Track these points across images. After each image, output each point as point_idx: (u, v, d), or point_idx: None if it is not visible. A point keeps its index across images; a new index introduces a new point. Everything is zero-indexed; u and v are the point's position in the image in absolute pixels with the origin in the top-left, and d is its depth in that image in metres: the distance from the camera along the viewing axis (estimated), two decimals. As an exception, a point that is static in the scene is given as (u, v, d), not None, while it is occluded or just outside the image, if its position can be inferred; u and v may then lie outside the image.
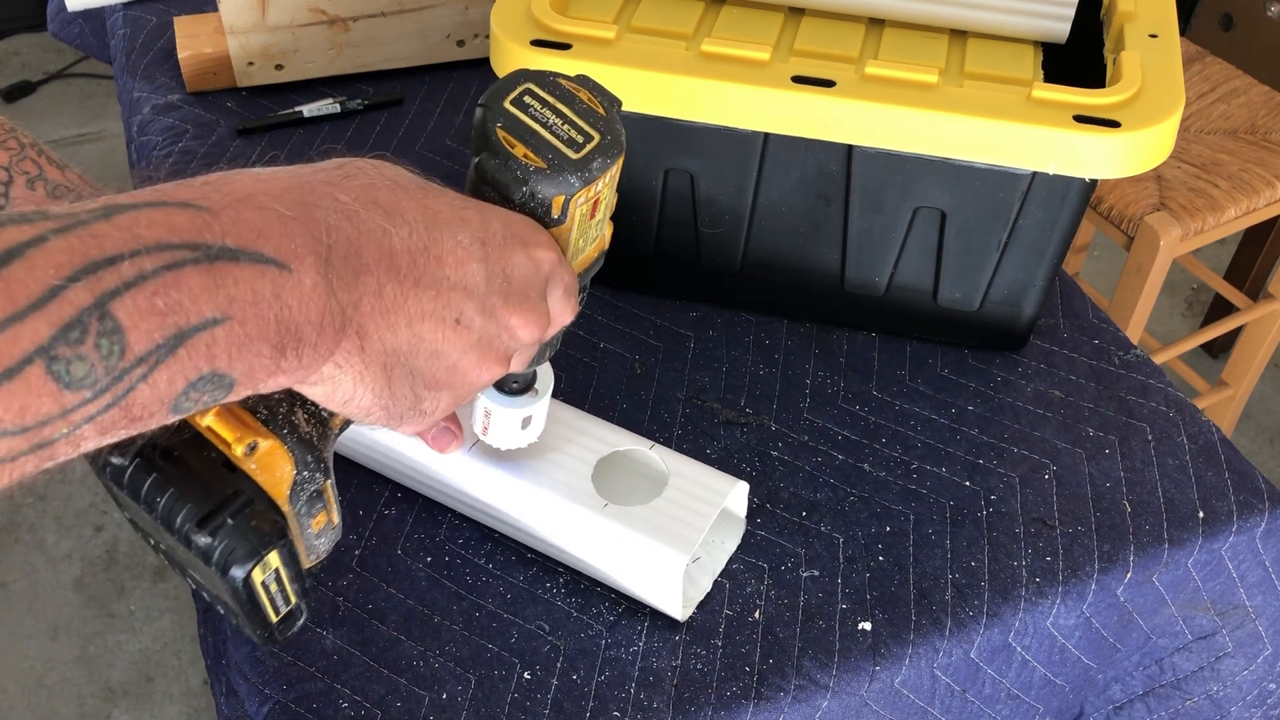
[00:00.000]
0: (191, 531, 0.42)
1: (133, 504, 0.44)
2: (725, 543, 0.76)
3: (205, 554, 0.43)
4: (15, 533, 1.75)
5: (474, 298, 0.46)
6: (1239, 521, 0.80)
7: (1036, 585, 0.75)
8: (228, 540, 0.42)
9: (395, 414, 0.45)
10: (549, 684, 0.69)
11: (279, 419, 0.45)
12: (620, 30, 0.80)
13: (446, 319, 0.45)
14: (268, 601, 0.46)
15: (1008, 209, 0.80)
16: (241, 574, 0.43)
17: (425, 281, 0.44)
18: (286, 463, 0.45)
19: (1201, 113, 1.54)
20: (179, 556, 0.46)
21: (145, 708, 1.57)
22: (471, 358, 0.47)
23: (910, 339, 0.92)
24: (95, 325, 0.33)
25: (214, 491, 0.43)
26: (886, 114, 0.75)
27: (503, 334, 0.48)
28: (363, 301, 0.42)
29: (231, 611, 0.47)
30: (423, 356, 0.45)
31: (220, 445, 0.44)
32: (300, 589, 0.48)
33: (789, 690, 0.69)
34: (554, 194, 0.50)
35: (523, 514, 0.73)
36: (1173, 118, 0.75)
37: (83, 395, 0.33)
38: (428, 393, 0.46)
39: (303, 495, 0.46)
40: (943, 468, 0.82)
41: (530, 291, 0.49)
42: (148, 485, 0.43)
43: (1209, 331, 1.65)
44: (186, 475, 0.43)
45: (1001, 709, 0.78)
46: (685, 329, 0.92)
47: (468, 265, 0.45)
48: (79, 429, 0.34)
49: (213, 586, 0.46)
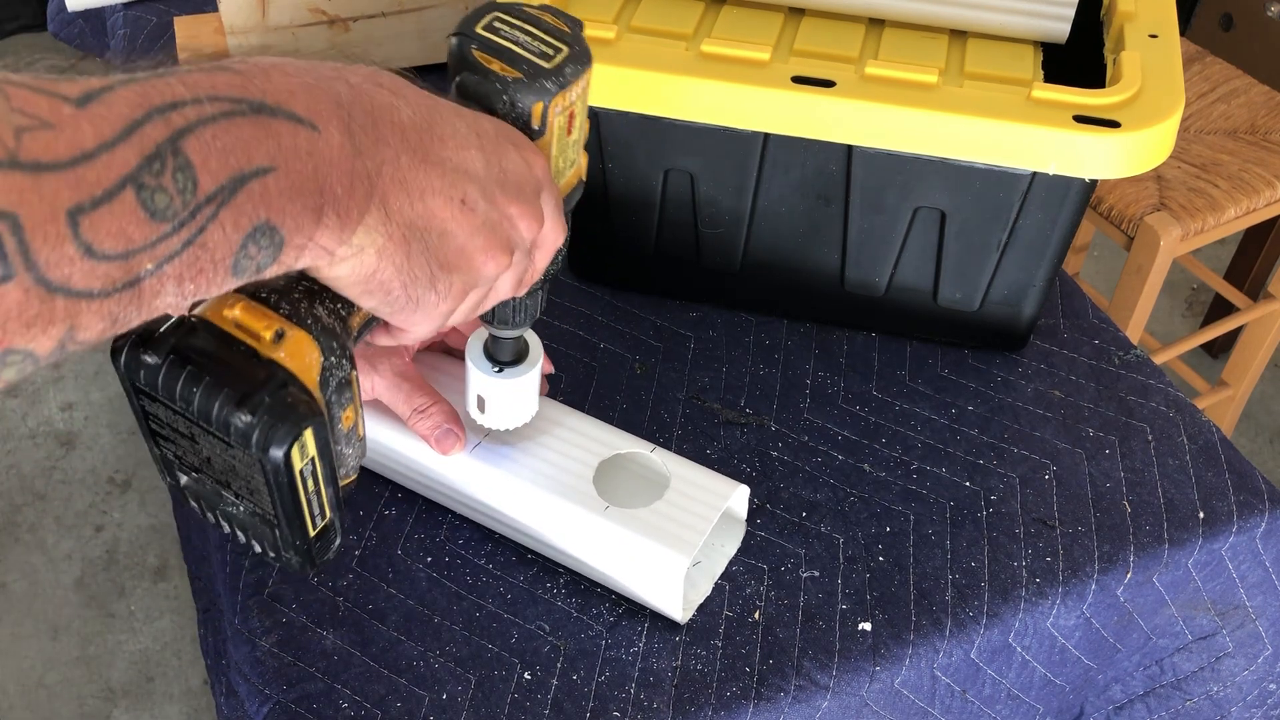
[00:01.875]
0: (230, 414, 0.43)
1: (166, 408, 0.45)
2: (725, 546, 0.76)
3: (245, 435, 0.43)
4: (15, 533, 1.75)
5: (476, 181, 0.47)
6: (1239, 522, 0.80)
7: (1036, 585, 0.75)
8: (267, 416, 0.43)
9: (412, 295, 0.47)
10: (549, 684, 0.69)
11: (301, 312, 0.46)
12: (620, 30, 0.80)
13: (454, 198, 0.46)
14: (305, 502, 0.47)
15: (1008, 209, 0.80)
16: (281, 452, 0.44)
17: (433, 159, 0.46)
18: (313, 350, 0.46)
19: (1201, 113, 1.54)
20: (216, 465, 0.46)
21: (145, 708, 1.57)
22: (478, 241, 0.48)
23: (910, 339, 0.92)
24: (171, 160, 0.35)
25: (249, 376, 0.44)
26: (886, 114, 0.75)
27: (504, 222, 0.49)
28: (383, 169, 0.43)
29: (269, 523, 0.48)
30: (435, 234, 0.46)
31: (248, 339, 0.45)
32: (335, 497, 0.49)
33: (789, 691, 0.69)
34: (533, 101, 0.53)
35: (523, 515, 0.73)
36: (1173, 118, 0.75)
37: (165, 228, 0.35)
38: (441, 273, 0.47)
39: (332, 382, 0.47)
40: (943, 468, 0.82)
41: (526, 188, 0.50)
42: (183, 379, 0.44)
43: (1209, 331, 1.65)
44: (220, 366, 0.44)
45: (1001, 709, 0.78)
46: (685, 329, 0.92)
47: (467, 150, 0.47)
48: (162, 268, 0.35)
49: (249, 486, 0.46)
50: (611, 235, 0.90)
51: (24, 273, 0.32)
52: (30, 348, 0.33)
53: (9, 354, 0.32)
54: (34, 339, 0.33)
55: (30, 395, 1.95)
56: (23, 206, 0.31)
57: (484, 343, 0.69)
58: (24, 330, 0.32)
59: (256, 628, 0.71)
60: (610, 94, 0.78)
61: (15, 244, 0.31)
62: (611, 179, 0.86)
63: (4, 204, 0.31)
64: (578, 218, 0.62)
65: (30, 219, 0.32)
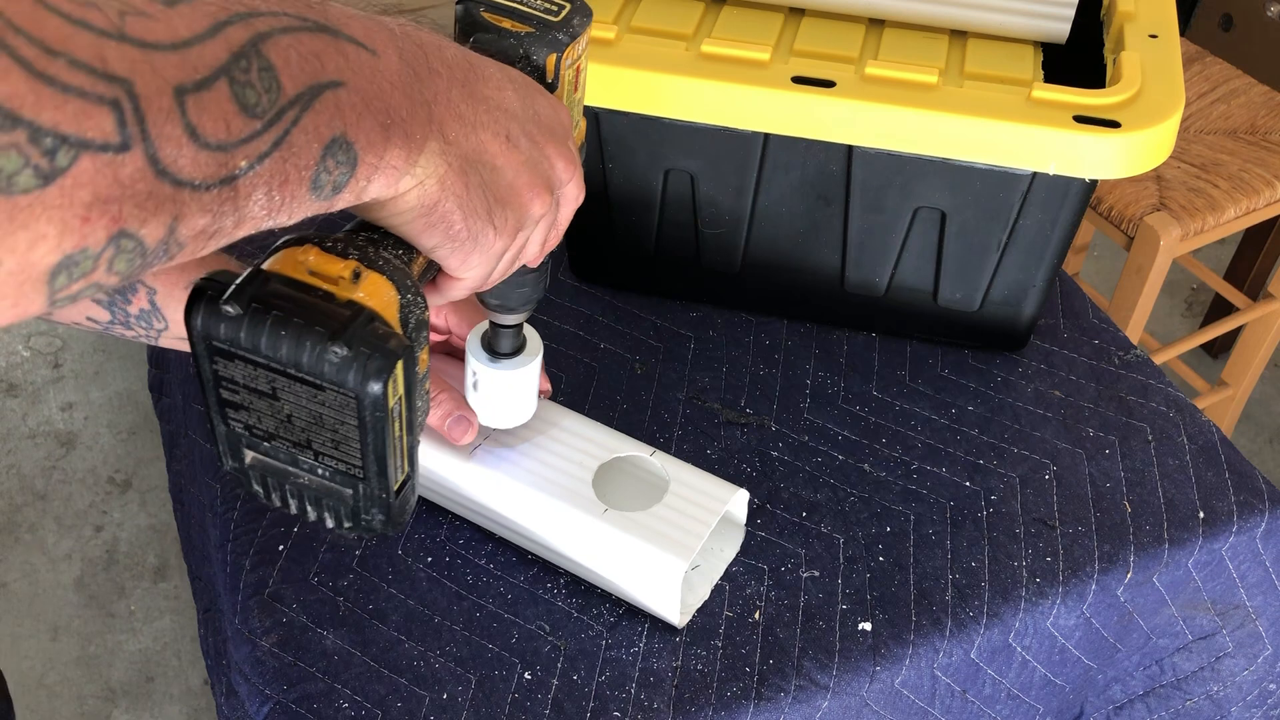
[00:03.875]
0: (323, 352, 0.43)
1: (246, 364, 0.45)
2: (724, 550, 0.76)
3: (342, 369, 0.43)
4: (15, 533, 1.75)
5: (516, 119, 0.49)
6: (1239, 522, 0.80)
7: (1037, 585, 0.75)
8: (364, 348, 0.43)
9: (471, 229, 0.47)
10: (549, 684, 0.69)
11: (370, 256, 0.47)
12: (620, 30, 0.80)
13: (499, 133, 0.48)
14: (394, 447, 0.47)
15: (1008, 209, 0.80)
16: (380, 385, 0.43)
17: (478, 95, 0.47)
18: (389, 288, 0.46)
19: (1201, 113, 1.54)
20: (298, 421, 0.46)
21: (145, 708, 1.57)
22: (525, 178, 0.49)
23: (910, 339, 0.92)
24: (255, 60, 0.36)
25: (335, 315, 0.44)
26: (886, 114, 0.75)
27: (544, 162, 0.51)
28: (438, 99, 0.44)
29: (352, 479, 0.47)
30: (488, 168, 0.47)
31: (325, 284, 0.45)
32: (413, 448, 0.49)
33: (789, 691, 0.69)
34: (547, 53, 0.55)
35: (523, 518, 0.72)
36: (1173, 118, 0.75)
37: (256, 124, 0.36)
38: (497, 207, 0.48)
39: (411, 319, 0.47)
40: (943, 468, 0.82)
41: (558, 130, 0.52)
42: (269, 326, 0.43)
43: (1209, 331, 1.65)
44: (304, 309, 0.44)
45: (1002, 709, 0.78)
46: (685, 329, 0.92)
47: (505, 91, 0.49)
48: (254, 167, 0.36)
49: (335, 438, 0.46)
50: (611, 235, 0.90)
51: (140, 144, 0.32)
52: (141, 233, 0.33)
53: (122, 237, 0.32)
54: (145, 222, 0.33)
55: (30, 395, 1.95)
56: (137, 76, 0.32)
57: (483, 336, 0.70)
58: (137, 211, 0.32)
59: (257, 628, 0.71)
60: (610, 94, 0.78)
61: (133, 111, 0.32)
62: (612, 179, 0.86)
63: (121, 71, 0.31)
64: (578, 218, 0.62)
65: (144, 89, 0.32)
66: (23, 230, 0.30)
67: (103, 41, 0.31)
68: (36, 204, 0.30)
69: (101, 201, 0.31)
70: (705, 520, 0.70)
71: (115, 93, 0.31)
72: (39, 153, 0.29)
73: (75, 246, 0.31)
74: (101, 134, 0.31)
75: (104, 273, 0.33)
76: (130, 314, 0.67)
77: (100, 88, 0.31)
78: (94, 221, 0.31)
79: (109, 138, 0.31)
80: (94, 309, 0.67)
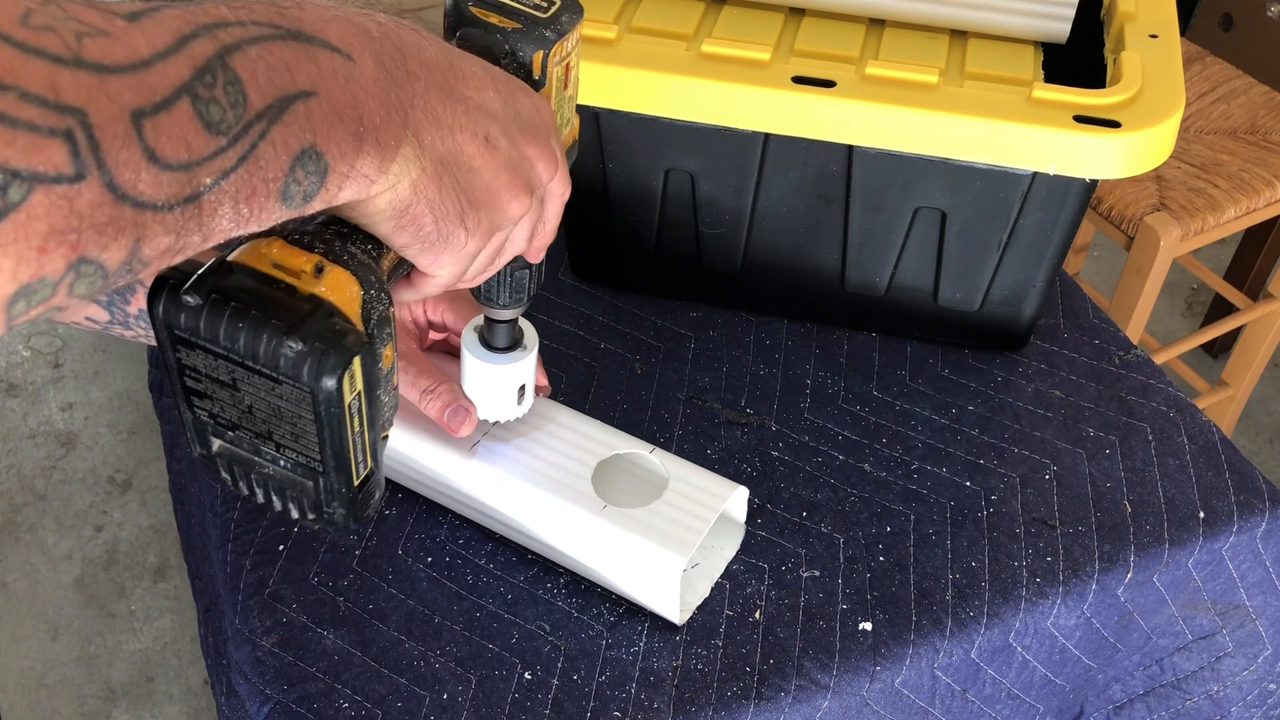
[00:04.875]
0: (279, 346, 0.43)
1: (206, 354, 0.45)
2: (724, 548, 0.76)
3: (297, 364, 0.43)
4: (15, 533, 1.75)
5: (496, 120, 0.49)
6: (1239, 521, 0.80)
7: (1037, 585, 0.75)
8: (318, 343, 0.43)
9: (443, 231, 0.47)
10: (549, 684, 0.69)
11: (336, 250, 0.47)
12: (620, 30, 0.80)
13: (477, 134, 0.47)
14: (352, 443, 0.46)
15: (1008, 209, 0.80)
16: (334, 381, 0.43)
17: (457, 96, 0.47)
18: (353, 283, 0.46)
19: (1201, 113, 1.54)
20: (258, 412, 0.46)
21: (145, 708, 1.57)
22: (503, 179, 0.49)
23: (910, 339, 0.92)
24: (221, 74, 0.35)
25: (294, 309, 0.44)
26: (887, 114, 0.75)
27: (524, 162, 0.50)
28: (414, 103, 0.44)
29: (312, 473, 0.47)
30: (463, 170, 0.47)
31: (288, 277, 0.45)
32: (375, 444, 0.49)
33: (789, 690, 0.69)
34: (534, 50, 0.54)
35: (522, 515, 0.73)
36: (1173, 118, 0.75)
37: (221, 141, 0.35)
38: (470, 209, 0.48)
39: (373, 315, 0.47)
40: (943, 468, 0.82)
41: (540, 130, 0.51)
42: (227, 317, 0.43)
43: (1209, 331, 1.65)
44: (264, 301, 0.44)
45: (1002, 709, 0.78)
46: (685, 329, 0.92)
47: (485, 91, 0.49)
48: (219, 184, 0.36)
49: (294, 431, 0.46)
50: (612, 235, 0.90)
51: (95, 172, 0.32)
52: (101, 258, 0.33)
53: (82, 263, 0.32)
54: (105, 248, 0.33)
55: (30, 395, 1.95)
56: (91, 104, 0.32)
57: (479, 331, 0.70)
58: (96, 237, 0.32)
59: (257, 628, 0.71)
60: (610, 94, 0.78)
61: (86, 141, 0.31)
62: (612, 179, 0.86)
63: (74, 100, 0.31)
64: (578, 218, 0.62)
65: (98, 117, 0.32)
66: None
67: (56, 70, 0.31)
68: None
69: (58, 232, 0.31)
70: (704, 517, 0.70)
71: (67, 123, 0.31)
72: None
73: (32, 276, 0.31)
74: (54, 166, 0.30)
75: (63, 297, 0.33)
76: (130, 314, 0.67)
77: (52, 120, 0.30)
78: (51, 251, 0.31)
79: (62, 169, 0.31)
80: (93, 309, 0.67)
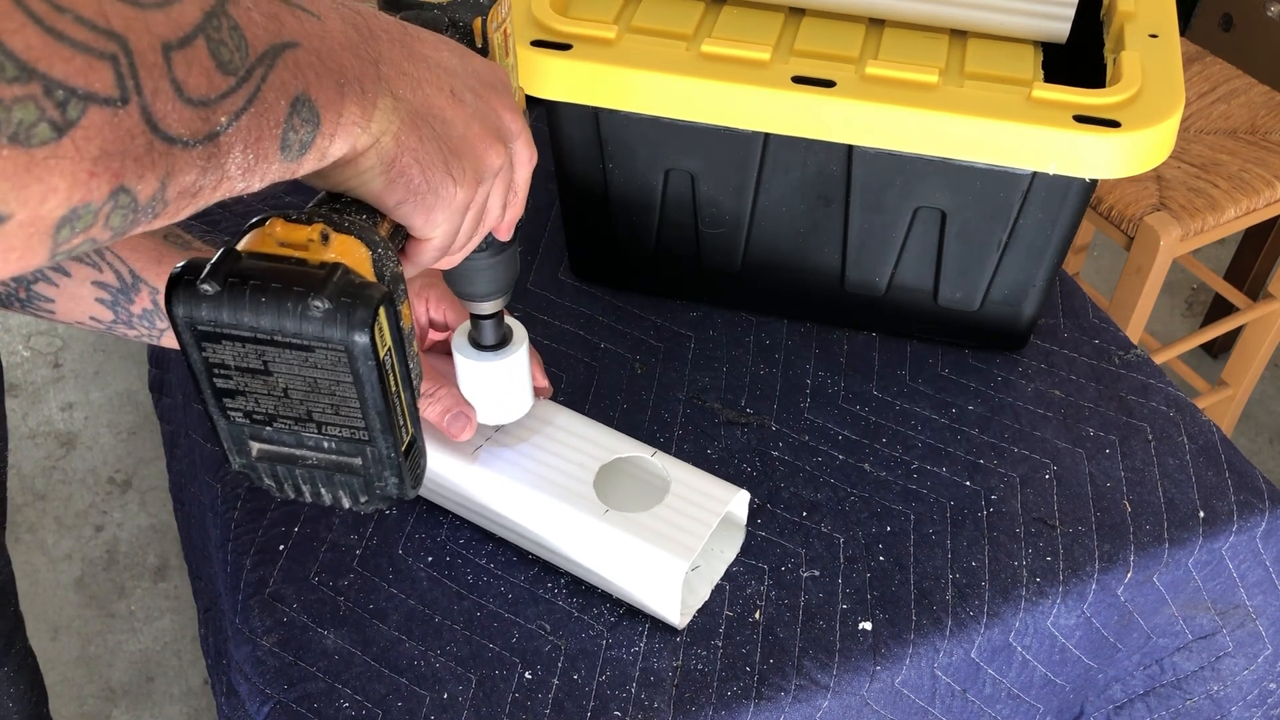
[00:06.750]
0: (305, 311, 0.44)
1: (233, 342, 0.45)
2: (725, 551, 0.76)
3: (325, 323, 0.44)
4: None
5: (457, 76, 0.50)
6: (1239, 521, 0.80)
7: (1037, 585, 0.75)
8: (344, 297, 0.44)
9: (431, 182, 0.48)
10: (550, 684, 0.69)
11: (335, 220, 0.47)
12: (620, 30, 0.80)
13: (444, 89, 0.49)
14: (393, 402, 0.47)
15: (1008, 209, 0.80)
16: (366, 334, 0.44)
17: (418, 54, 0.48)
18: (359, 246, 0.47)
19: (1201, 113, 1.54)
20: (294, 393, 0.46)
21: (145, 708, 1.57)
22: (475, 129, 0.50)
23: (910, 339, 0.92)
24: (225, 19, 0.37)
25: (311, 275, 0.45)
26: (886, 114, 0.75)
27: (491, 114, 0.52)
28: (383, 59, 0.46)
29: (359, 444, 0.47)
30: (438, 121, 0.48)
31: (296, 251, 0.46)
32: (414, 406, 0.49)
33: (789, 690, 0.69)
34: (473, 16, 0.56)
35: (524, 519, 0.73)
36: (1173, 118, 0.75)
37: (231, 80, 0.37)
38: (453, 158, 0.49)
39: (386, 271, 0.47)
40: (943, 468, 0.82)
41: (499, 85, 0.53)
42: (248, 296, 0.44)
43: (1209, 331, 1.65)
44: (279, 276, 0.45)
45: (1002, 709, 0.78)
46: (685, 329, 0.92)
47: (441, 52, 0.50)
48: (233, 123, 0.37)
49: (334, 401, 0.46)
50: (612, 235, 0.90)
51: (135, 98, 0.33)
52: (137, 189, 0.34)
53: (120, 192, 0.34)
54: (141, 177, 0.34)
55: (30, 395, 1.95)
56: (130, 32, 0.33)
57: (468, 333, 0.70)
58: (135, 166, 0.34)
59: (257, 627, 0.71)
60: (610, 94, 0.78)
61: (128, 66, 0.33)
62: (612, 179, 0.86)
63: (118, 27, 0.33)
64: (578, 218, 0.62)
65: (138, 44, 0.33)
66: (37, 183, 0.31)
67: None
68: (51, 157, 0.31)
69: (106, 155, 0.32)
70: (706, 521, 0.70)
71: (113, 48, 0.32)
72: (52, 105, 0.31)
73: (81, 200, 0.32)
74: (104, 88, 0.32)
75: (101, 228, 0.34)
76: (133, 314, 0.67)
77: (101, 43, 0.32)
78: (99, 176, 0.32)
79: (110, 92, 0.32)
80: (97, 309, 0.67)
